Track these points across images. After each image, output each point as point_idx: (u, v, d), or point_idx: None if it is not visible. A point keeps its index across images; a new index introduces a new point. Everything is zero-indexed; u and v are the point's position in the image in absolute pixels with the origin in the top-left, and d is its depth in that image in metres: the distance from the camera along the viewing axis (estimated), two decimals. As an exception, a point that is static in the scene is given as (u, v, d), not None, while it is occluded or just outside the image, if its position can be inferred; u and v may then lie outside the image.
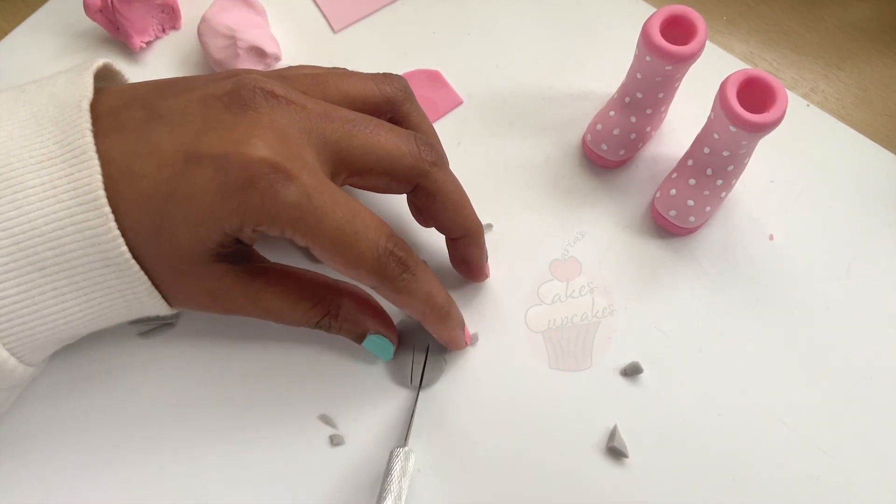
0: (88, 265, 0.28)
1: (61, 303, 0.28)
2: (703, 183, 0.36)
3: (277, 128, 0.28)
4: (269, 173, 0.27)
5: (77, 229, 0.27)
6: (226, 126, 0.28)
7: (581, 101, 0.42)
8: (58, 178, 0.27)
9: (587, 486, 0.33)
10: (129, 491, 0.33)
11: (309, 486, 0.33)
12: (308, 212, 0.27)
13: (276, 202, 0.27)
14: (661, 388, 0.35)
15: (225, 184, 0.27)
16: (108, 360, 0.35)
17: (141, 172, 0.27)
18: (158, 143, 0.28)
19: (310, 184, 0.27)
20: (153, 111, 0.28)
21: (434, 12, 0.45)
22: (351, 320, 0.32)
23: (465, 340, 0.35)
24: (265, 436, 0.34)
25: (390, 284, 0.29)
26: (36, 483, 0.33)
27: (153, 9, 0.42)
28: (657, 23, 0.34)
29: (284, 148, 0.27)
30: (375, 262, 0.29)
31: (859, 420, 0.35)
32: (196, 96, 0.29)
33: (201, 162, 0.27)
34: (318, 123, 0.29)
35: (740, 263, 0.38)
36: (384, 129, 0.31)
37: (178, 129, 0.28)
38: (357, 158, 0.30)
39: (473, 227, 0.34)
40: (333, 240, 0.28)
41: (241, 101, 0.28)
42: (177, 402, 0.35)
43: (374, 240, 0.28)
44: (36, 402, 0.34)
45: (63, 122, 0.27)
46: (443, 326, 0.33)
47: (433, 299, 0.31)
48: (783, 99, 0.33)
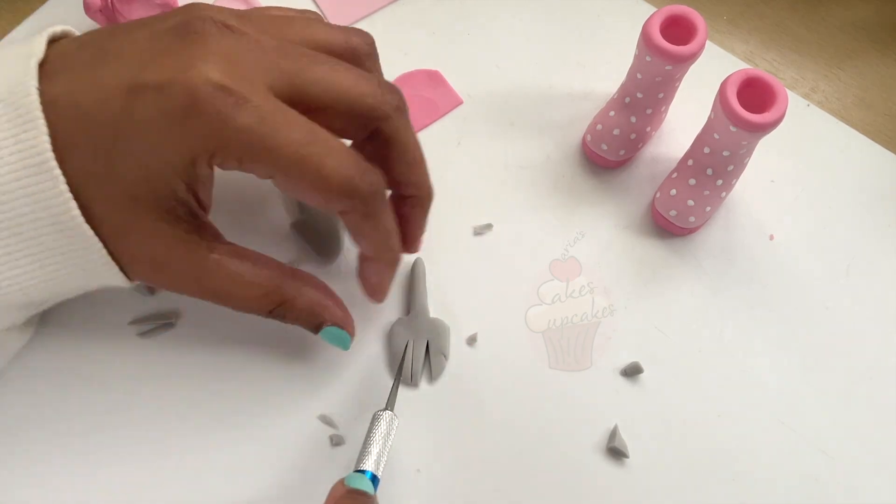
0: (41, 230, 0.27)
1: (14, 268, 0.27)
2: (703, 183, 0.36)
3: (227, 54, 0.26)
4: (217, 97, 0.25)
5: (26, 193, 0.26)
6: (172, 53, 0.26)
7: (581, 101, 0.42)
8: (2, 140, 0.25)
9: (587, 486, 0.33)
10: (129, 490, 0.33)
11: (309, 486, 0.33)
12: (264, 135, 0.25)
13: (227, 126, 0.25)
14: (661, 388, 0.35)
15: (169, 111, 0.25)
16: (108, 360, 0.35)
17: (86, 110, 0.26)
18: (103, 79, 0.26)
19: (262, 106, 0.26)
20: (102, 49, 0.27)
21: (434, 12, 0.45)
22: (307, 310, 0.31)
23: (385, 295, 0.33)
24: (265, 436, 0.34)
25: (362, 207, 0.28)
26: (35, 482, 0.33)
27: (153, 9, 0.42)
28: (657, 23, 0.34)
29: (233, 71, 0.26)
30: (345, 182, 0.27)
31: (859, 420, 0.35)
32: (146, 31, 0.27)
33: (144, 91, 0.25)
34: (271, 55, 0.27)
35: (740, 263, 0.38)
36: (343, 66, 0.29)
37: (124, 63, 0.26)
38: (313, 92, 0.27)
39: (425, 188, 0.32)
40: (295, 163, 0.26)
41: (192, 29, 0.26)
42: (176, 402, 0.34)
43: (342, 160, 0.27)
44: (35, 401, 0.34)
45: (8, 80, 0.26)
46: (387, 269, 0.32)
47: (393, 238, 0.30)
48: (783, 99, 0.33)
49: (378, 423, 0.31)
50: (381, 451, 0.31)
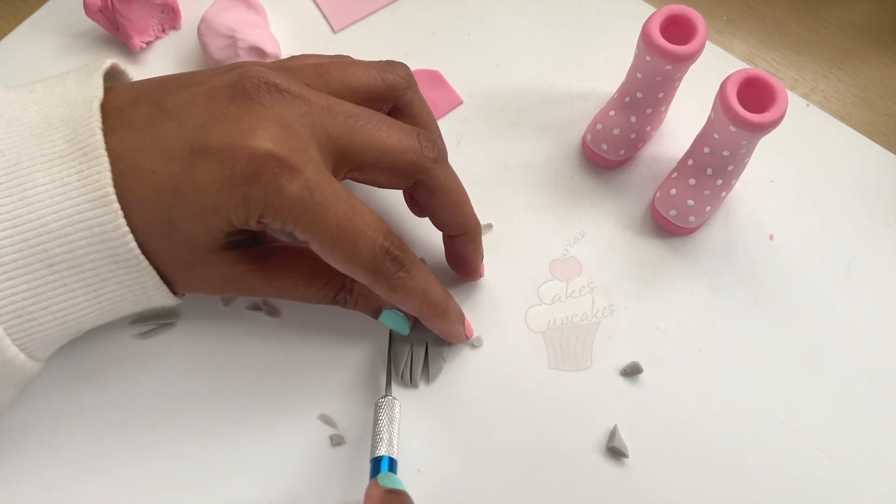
0: (98, 261, 0.28)
1: (70, 299, 0.28)
2: (703, 183, 0.36)
3: (282, 121, 0.28)
4: (273, 167, 0.27)
5: (86, 226, 0.27)
6: (231, 119, 0.28)
7: (581, 101, 0.42)
8: (67, 176, 0.27)
9: (587, 486, 0.33)
10: (129, 490, 0.33)
11: (309, 486, 0.33)
12: (310, 207, 0.27)
13: (280, 196, 0.27)
14: (661, 388, 0.35)
15: (231, 177, 0.27)
16: (108, 360, 0.35)
17: (149, 167, 0.28)
18: (165, 138, 0.28)
19: (313, 179, 0.27)
20: (159, 107, 0.29)
21: (434, 12, 0.45)
22: (366, 295, 0.33)
23: (467, 333, 0.35)
24: (265, 436, 0.34)
25: (385, 282, 0.30)
26: (35, 482, 0.33)
27: (153, 9, 0.42)
28: (657, 23, 0.34)
29: (289, 141, 0.28)
30: (371, 259, 0.29)
31: (859, 420, 0.35)
32: (201, 90, 0.29)
33: (207, 155, 0.27)
34: (321, 117, 0.29)
35: (740, 263, 0.38)
36: (386, 124, 0.31)
37: (184, 124, 0.28)
38: (359, 153, 0.30)
39: (472, 226, 0.34)
40: (333, 236, 0.28)
41: (246, 93, 0.28)
42: (176, 402, 0.35)
43: (372, 237, 0.29)
44: (35, 401, 0.34)
45: (73, 122, 0.28)
46: (440, 322, 0.33)
47: (428, 296, 0.32)
48: (783, 99, 0.33)
49: (382, 408, 0.32)
50: (392, 434, 0.32)
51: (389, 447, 0.31)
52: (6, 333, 0.28)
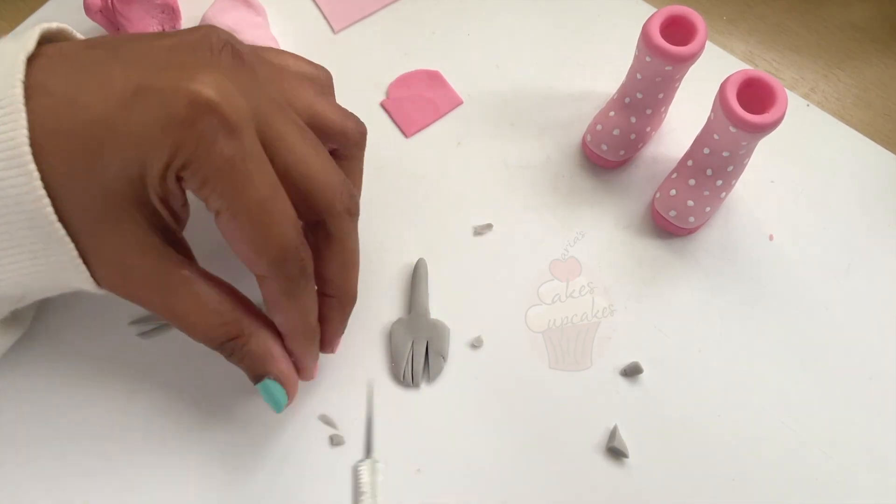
0: (13, 224, 0.26)
1: None
2: (703, 183, 0.36)
3: (233, 82, 0.26)
4: (212, 118, 0.25)
5: (0, 187, 0.26)
6: (184, 66, 0.26)
7: (581, 101, 0.42)
8: None
9: (587, 486, 0.33)
10: (129, 490, 0.33)
11: (309, 486, 0.33)
12: (237, 171, 0.26)
13: (211, 150, 0.25)
14: (661, 388, 0.35)
15: (165, 116, 0.25)
16: (108, 360, 0.35)
17: (83, 102, 0.26)
18: (111, 76, 0.26)
19: (248, 145, 0.26)
20: (114, 51, 0.27)
21: (434, 12, 0.45)
22: (256, 354, 0.30)
23: (314, 374, 0.34)
24: (265, 436, 0.34)
25: (284, 284, 0.28)
26: (35, 482, 0.33)
27: (153, 9, 0.42)
28: (657, 23, 0.35)
29: (234, 101, 0.26)
30: (280, 252, 0.27)
31: (859, 420, 0.35)
32: (164, 44, 0.28)
33: (149, 94, 0.25)
34: (269, 107, 0.28)
35: (740, 263, 0.38)
36: (326, 156, 0.29)
37: (135, 66, 0.26)
38: (285, 160, 0.28)
39: (349, 294, 0.32)
40: (250, 211, 0.26)
41: (208, 49, 0.27)
42: (176, 402, 0.35)
43: (287, 230, 0.27)
44: (34, 400, 0.34)
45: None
46: (306, 347, 0.31)
47: (309, 316, 0.30)
48: (783, 99, 0.33)
49: (360, 473, 0.32)
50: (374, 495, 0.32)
51: None
52: None
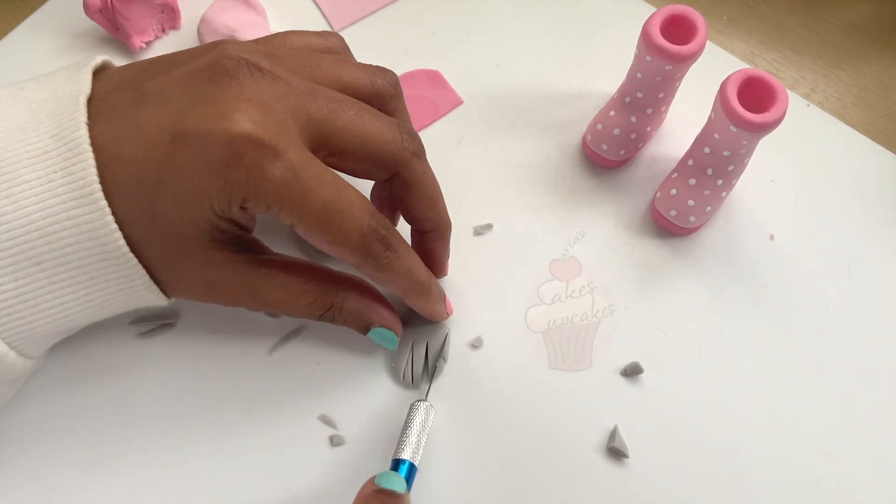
0: (86, 259, 0.27)
1: (59, 297, 0.28)
2: (703, 183, 0.36)
3: (261, 101, 0.27)
4: (253, 149, 0.26)
5: (73, 223, 0.27)
6: (209, 101, 0.27)
7: (581, 101, 0.42)
8: (53, 172, 0.26)
9: (587, 487, 0.33)
10: (129, 490, 0.33)
11: (309, 486, 0.33)
12: (294, 188, 0.27)
13: (263, 179, 0.26)
14: (661, 388, 0.35)
15: (211, 161, 0.26)
16: (108, 360, 0.35)
17: (130, 157, 0.27)
18: (144, 125, 0.27)
19: (296, 160, 0.27)
20: (139, 92, 0.28)
21: (434, 12, 0.45)
22: (355, 313, 0.32)
23: (448, 311, 0.35)
24: (265, 436, 0.34)
25: (373, 262, 0.29)
26: (35, 482, 0.33)
27: (153, 9, 0.42)
28: (657, 23, 0.34)
29: (269, 122, 0.27)
30: (360, 239, 0.28)
31: (859, 420, 0.35)
32: (180, 73, 0.28)
33: (187, 140, 0.26)
34: (301, 99, 0.28)
35: (740, 263, 0.38)
36: (369, 112, 0.30)
37: (163, 109, 0.27)
38: (339, 139, 0.29)
39: (444, 223, 0.34)
40: (319, 217, 0.28)
41: (225, 72, 0.27)
42: (176, 402, 0.35)
43: (359, 217, 0.28)
44: (35, 401, 0.34)
45: (59, 116, 0.27)
46: (424, 301, 0.33)
47: (414, 276, 0.32)
48: (783, 99, 0.33)
49: (415, 412, 0.32)
50: (419, 440, 0.32)
51: (414, 453, 0.31)
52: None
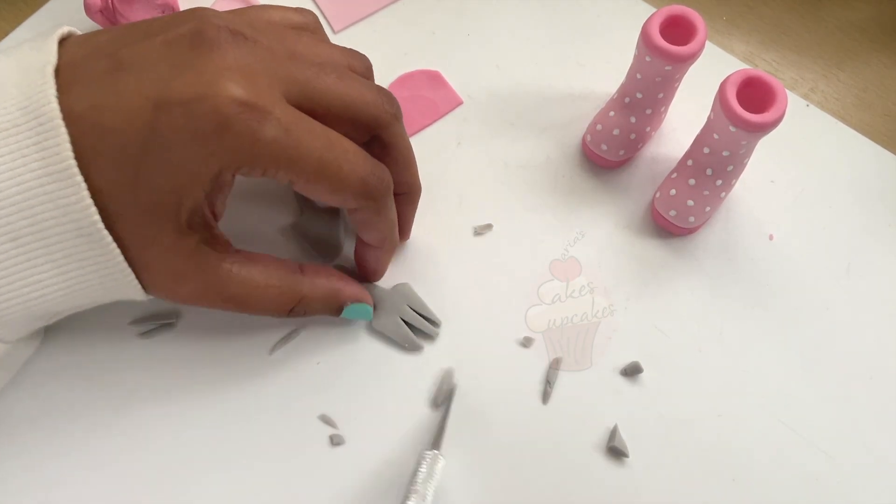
0: (62, 234, 0.27)
1: (35, 274, 0.28)
2: (702, 183, 0.36)
3: (244, 66, 0.27)
4: (243, 113, 0.26)
5: (49, 199, 0.26)
6: (193, 68, 0.26)
7: (581, 101, 0.42)
8: (26, 147, 0.26)
9: (587, 486, 0.33)
10: (129, 490, 0.33)
11: (309, 486, 0.33)
12: (288, 146, 0.27)
13: (256, 142, 0.26)
14: (661, 387, 0.35)
15: (199, 129, 0.26)
16: (108, 360, 0.35)
17: (110, 126, 0.26)
18: (124, 93, 0.26)
19: (284, 118, 0.27)
20: (117, 60, 0.27)
21: (434, 12, 0.45)
22: (324, 298, 0.33)
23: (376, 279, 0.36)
24: (265, 436, 0.34)
25: (374, 204, 0.30)
26: (35, 482, 0.33)
27: (153, 9, 0.42)
28: (657, 23, 0.35)
29: (254, 86, 0.27)
30: (361, 183, 0.29)
31: (859, 420, 0.35)
32: (159, 40, 0.27)
33: (171, 109, 0.26)
34: (284, 64, 0.28)
35: (740, 263, 0.38)
36: (350, 76, 0.30)
37: (144, 76, 0.27)
38: (322, 100, 0.29)
39: (416, 185, 0.35)
40: (316, 169, 0.28)
41: (206, 40, 0.27)
42: (176, 402, 0.34)
43: (356, 162, 0.29)
44: (34, 400, 0.34)
45: (26, 87, 0.26)
46: (387, 254, 0.35)
47: (395, 225, 0.33)
48: (783, 99, 0.33)
49: (423, 462, 0.31)
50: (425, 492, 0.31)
51: None
52: None
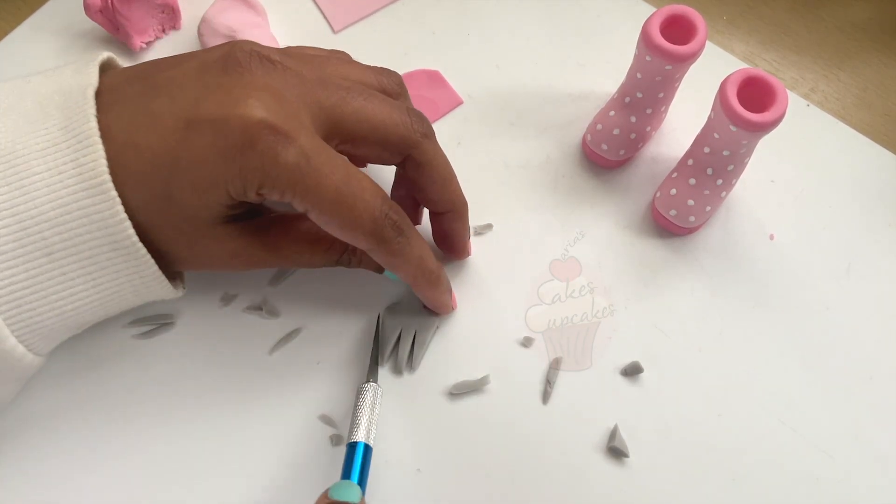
0: (96, 249, 0.28)
1: (69, 287, 0.28)
2: (703, 182, 0.36)
3: (273, 89, 0.28)
4: (267, 135, 0.27)
5: (83, 213, 0.27)
6: (223, 89, 0.28)
7: (581, 101, 0.42)
8: (63, 164, 0.27)
9: (588, 486, 0.33)
10: (129, 490, 0.33)
11: (309, 486, 0.33)
12: (307, 173, 0.27)
13: (277, 164, 0.27)
14: (661, 387, 0.35)
15: (226, 147, 0.27)
16: (108, 360, 0.35)
17: (144, 143, 0.27)
18: (158, 113, 0.28)
19: (308, 145, 0.27)
20: (151, 83, 0.29)
21: (434, 12, 0.45)
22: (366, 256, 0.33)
23: (453, 305, 0.36)
24: (266, 436, 0.34)
25: (386, 247, 0.30)
26: (35, 481, 0.33)
27: (153, 9, 0.42)
28: (657, 23, 0.35)
29: (281, 109, 0.27)
30: (372, 224, 0.29)
31: (859, 419, 0.35)
32: (193, 65, 0.29)
33: (201, 127, 0.27)
34: (312, 88, 0.29)
35: (740, 263, 0.38)
36: (378, 98, 0.31)
37: (177, 97, 0.28)
38: (350, 125, 0.30)
39: (459, 202, 0.34)
40: (332, 202, 0.28)
41: (237, 63, 0.28)
42: (176, 402, 0.34)
43: (371, 202, 0.29)
44: (35, 401, 0.34)
45: (68, 109, 0.28)
46: (433, 290, 0.34)
47: (425, 263, 0.32)
48: (783, 98, 0.33)
49: (363, 394, 0.32)
50: (371, 421, 0.32)
51: (367, 434, 0.31)
52: (5, 324, 0.28)
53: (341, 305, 0.36)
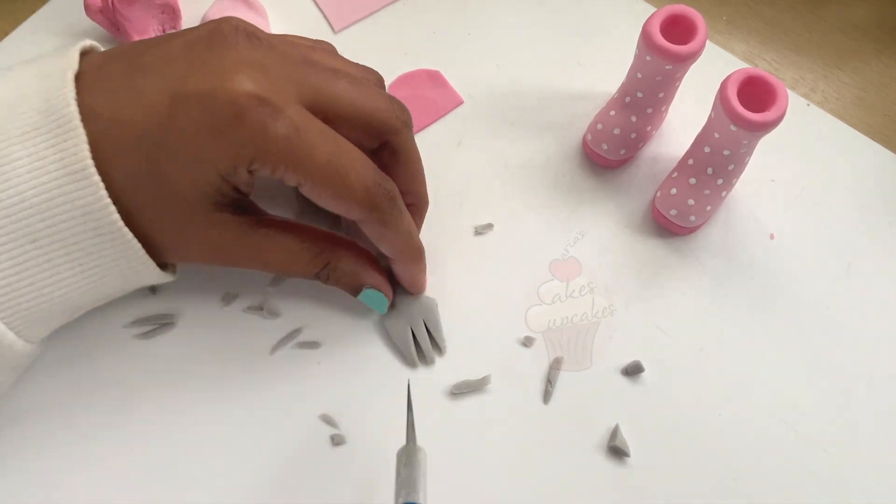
0: (80, 235, 0.27)
1: (55, 273, 0.28)
2: (703, 182, 0.36)
3: (259, 63, 0.28)
4: (256, 106, 0.26)
5: (66, 200, 0.27)
6: (209, 64, 0.27)
7: (581, 100, 0.42)
8: (44, 149, 0.27)
9: (589, 486, 0.33)
10: (129, 490, 0.33)
11: (309, 486, 0.33)
12: (298, 145, 0.27)
13: (266, 136, 0.27)
14: (662, 387, 0.35)
15: (213, 121, 0.26)
16: (108, 361, 0.35)
17: (128, 120, 0.27)
18: (143, 90, 0.27)
19: (296, 118, 0.27)
20: (136, 62, 0.28)
21: (434, 12, 0.45)
22: (349, 273, 0.33)
23: (425, 286, 0.36)
24: (266, 436, 0.34)
25: (378, 216, 0.30)
26: (35, 482, 0.33)
27: (153, 9, 0.42)
28: (657, 22, 0.35)
29: (268, 82, 0.27)
30: (365, 193, 0.29)
31: (859, 419, 0.35)
32: (178, 43, 0.29)
33: (188, 102, 0.27)
34: (298, 67, 0.29)
35: (741, 263, 0.38)
36: (361, 82, 0.31)
37: (163, 73, 0.28)
38: (334, 104, 0.30)
39: (424, 198, 0.35)
40: (325, 173, 0.28)
41: (223, 38, 0.28)
42: (176, 402, 0.34)
43: (363, 172, 0.29)
44: (34, 400, 0.34)
45: (46, 92, 0.27)
46: (416, 264, 0.34)
47: (412, 237, 0.32)
48: (784, 98, 0.33)
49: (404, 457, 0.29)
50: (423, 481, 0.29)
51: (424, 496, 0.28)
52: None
53: (342, 305, 0.36)
